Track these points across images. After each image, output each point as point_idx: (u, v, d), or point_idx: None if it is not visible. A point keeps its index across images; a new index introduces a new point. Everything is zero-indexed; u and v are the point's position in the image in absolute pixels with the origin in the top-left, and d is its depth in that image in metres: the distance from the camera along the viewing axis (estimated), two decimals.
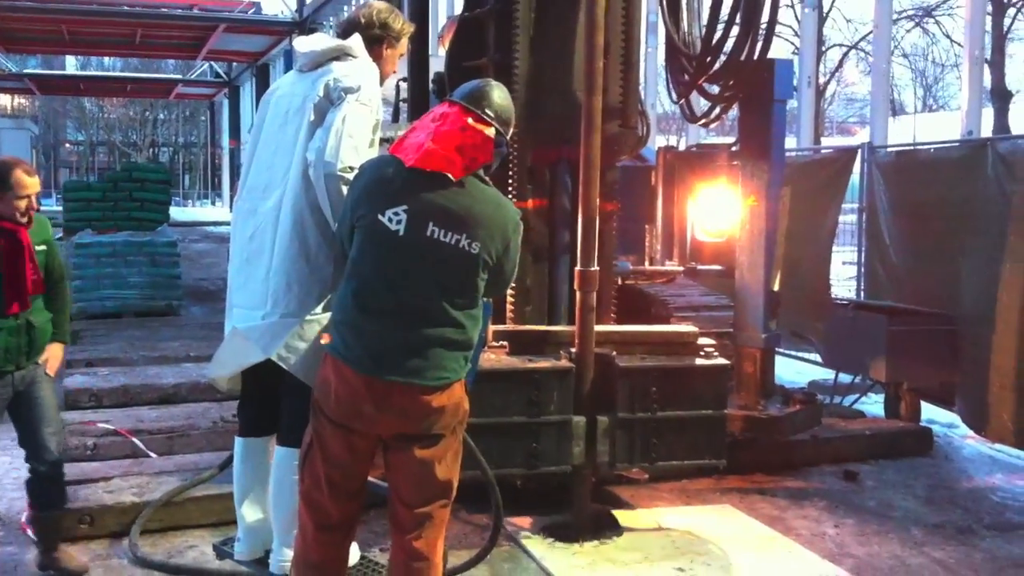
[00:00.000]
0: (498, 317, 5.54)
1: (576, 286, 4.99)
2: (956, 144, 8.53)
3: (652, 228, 7.37)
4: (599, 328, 5.11)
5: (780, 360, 7.92)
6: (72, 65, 46.37)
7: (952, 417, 7.77)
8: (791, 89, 7.34)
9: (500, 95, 3.50)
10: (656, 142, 11.55)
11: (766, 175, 6.57)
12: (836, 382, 8.52)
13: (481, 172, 3.42)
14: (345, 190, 3.69)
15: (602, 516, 5.25)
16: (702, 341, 5.36)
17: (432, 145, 3.31)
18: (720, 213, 7.30)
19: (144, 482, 5.32)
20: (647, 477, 5.69)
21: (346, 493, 3.42)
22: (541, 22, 5.69)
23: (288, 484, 3.88)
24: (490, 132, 3.39)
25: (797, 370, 9.53)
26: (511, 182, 5.68)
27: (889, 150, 9.08)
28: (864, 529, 5.41)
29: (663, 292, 6.74)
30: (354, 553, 4.23)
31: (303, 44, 4.21)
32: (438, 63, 6.61)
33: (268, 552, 4.22)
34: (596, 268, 4.97)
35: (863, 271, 9.09)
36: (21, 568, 4.65)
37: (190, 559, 4.73)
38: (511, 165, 5.66)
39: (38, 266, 4.40)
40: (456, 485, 3.46)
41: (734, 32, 6.28)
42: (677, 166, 7.61)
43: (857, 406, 8.06)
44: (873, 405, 8.15)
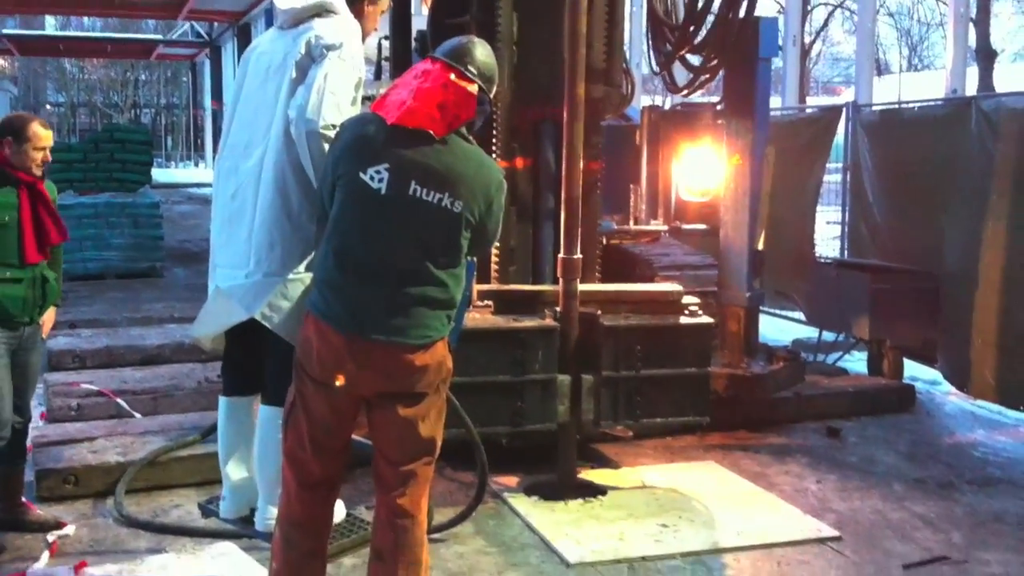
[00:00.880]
0: (483, 277, 5.54)
1: (559, 273, 4.99)
2: (940, 103, 8.54)
3: (637, 187, 7.36)
4: (583, 287, 5.11)
5: (764, 318, 7.94)
6: (51, 26, 45.73)
7: (934, 374, 7.84)
8: (776, 47, 7.32)
9: (483, 52, 3.46)
10: (641, 101, 11.49)
11: (751, 134, 6.56)
12: (820, 340, 8.57)
13: (464, 131, 3.38)
14: (327, 148, 3.65)
15: (584, 484, 5.26)
16: (686, 300, 5.37)
17: (414, 102, 3.27)
18: (704, 172, 7.28)
19: (129, 442, 5.31)
20: (631, 435, 5.72)
21: (330, 452, 3.42)
22: None
23: (273, 443, 3.89)
24: (473, 89, 3.35)
25: (781, 328, 9.56)
26: (495, 141, 5.65)
27: (874, 109, 9.08)
28: (846, 484, 5.46)
29: (648, 251, 6.75)
30: (339, 511, 4.25)
31: (284, 1, 4.15)
32: (421, 21, 6.55)
33: (253, 510, 4.26)
34: (579, 256, 4.96)
35: (847, 230, 9.11)
36: None
37: (175, 518, 4.74)
38: (495, 124, 5.64)
39: (59, 217, 4.41)
40: (440, 443, 3.45)
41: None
42: (662, 125, 7.58)
43: (840, 364, 8.11)
44: (856, 363, 8.20)
